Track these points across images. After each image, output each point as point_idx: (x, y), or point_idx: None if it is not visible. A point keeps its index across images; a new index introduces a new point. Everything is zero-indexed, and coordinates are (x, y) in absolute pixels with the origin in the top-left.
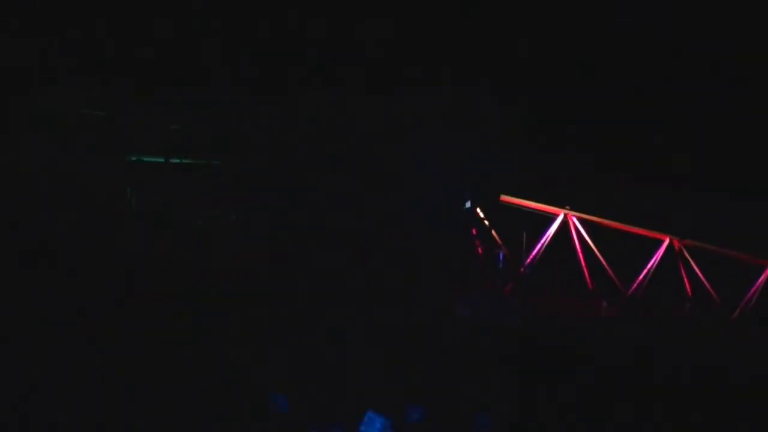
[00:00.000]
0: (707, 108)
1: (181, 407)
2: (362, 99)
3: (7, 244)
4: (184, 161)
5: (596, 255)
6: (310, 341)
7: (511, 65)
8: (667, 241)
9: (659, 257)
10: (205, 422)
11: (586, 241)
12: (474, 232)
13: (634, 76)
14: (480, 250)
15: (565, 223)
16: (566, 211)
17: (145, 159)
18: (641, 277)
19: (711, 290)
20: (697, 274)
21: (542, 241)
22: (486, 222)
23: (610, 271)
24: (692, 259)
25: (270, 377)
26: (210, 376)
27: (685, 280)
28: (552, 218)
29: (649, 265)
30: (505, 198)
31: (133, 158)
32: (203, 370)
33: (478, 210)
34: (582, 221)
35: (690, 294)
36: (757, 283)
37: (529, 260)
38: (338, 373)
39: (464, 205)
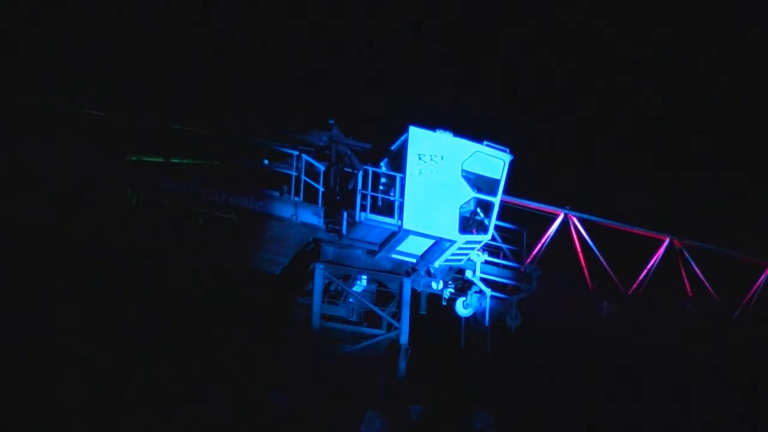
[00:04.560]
0: (708, 109)
1: (181, 405)
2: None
3: (7, 244)
4: (184, 161)
5: (596, 255)
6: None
7: (511, 66)
8: (667, 241)
9: (659, 257)
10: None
11: (586, 241)
12: (474, 232)
13: (634, 76)
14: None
15: (565, 223)
16: (566, 211)
17: (145, 159)
18: (641, 277)
19: (711, 290)
20: (697, 274)
21: (542, 241)
22: (486, 222)
23: (610, 271)
24: (692, 259)
25: (270, 376)
26: (210, 375)
27: (685, 280)
28: (552, 218)
29: (649, 265)
30: (505, 198)
31: (133, 158)
32: (204, 368)
33: (478, 210)
34: (582, 221)
35: (690, 294)
36: (757, 283)
37: (529, 260)
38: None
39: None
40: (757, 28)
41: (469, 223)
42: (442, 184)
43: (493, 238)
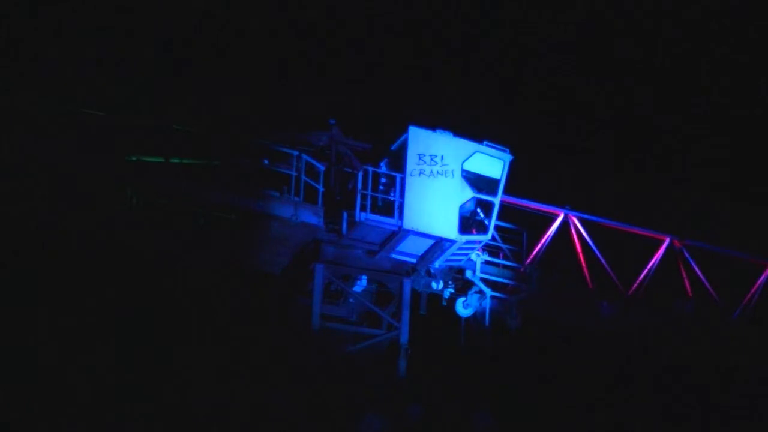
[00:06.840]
0: (707, 109)
1: (181, 405)
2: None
3: (7, 244)
4: (184, 161)
5: (596, 255)
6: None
7: (511, 66)
8: (667, 241)
9: (659, 257)
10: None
11: (586, 241)
12: (474, 232)
13: (633, 76)
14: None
15: (565, 223)
16: (566, 211)
17: (145, 159)
18: (641, 277)
19: (711, 290)
20: (697, 274)
21: (542, 241)
22: (486, 222)
23: (610, 271)
24: (692, 259)
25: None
26: (210, 375)
27: (685, 280)
28: (552, 218)
29: (649, 265)
30: (505, 198)
31: (133, 158)
32: (203, 369)
33: (478, 210)
34: (582, 221)
35: (690, 294)
36: (757, 283)
37: (529, 260)
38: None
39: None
40: (757, 28)
41: (469, 223)
42: (442, 184)
43: (493, 238)
